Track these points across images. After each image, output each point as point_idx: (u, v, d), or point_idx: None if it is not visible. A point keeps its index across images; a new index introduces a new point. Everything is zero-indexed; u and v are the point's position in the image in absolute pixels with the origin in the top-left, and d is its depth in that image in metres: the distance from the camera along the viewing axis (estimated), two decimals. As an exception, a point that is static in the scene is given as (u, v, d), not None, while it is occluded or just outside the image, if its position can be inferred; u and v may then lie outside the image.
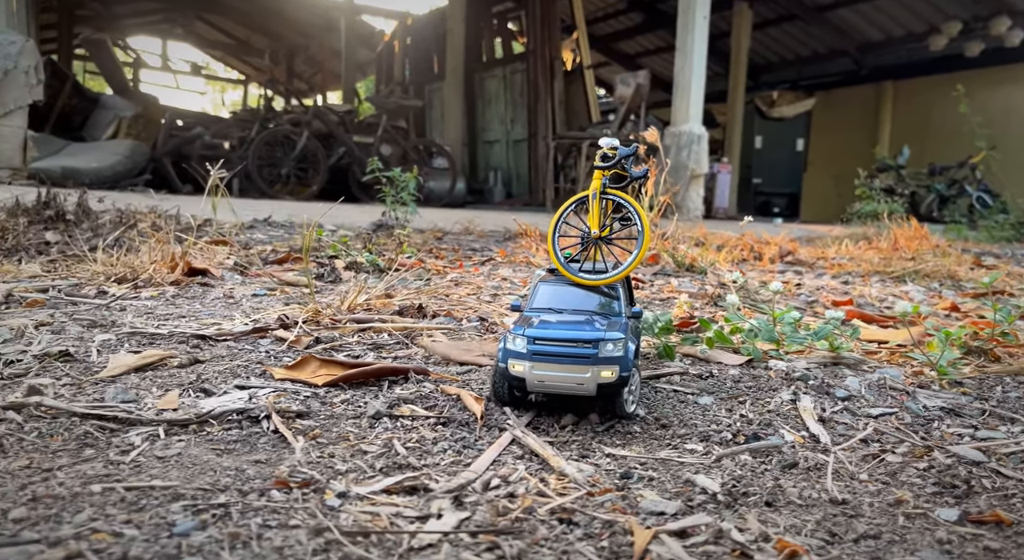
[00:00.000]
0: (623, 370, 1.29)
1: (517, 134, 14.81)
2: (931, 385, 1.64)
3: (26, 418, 1.28)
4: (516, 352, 1.33)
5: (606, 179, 1.52)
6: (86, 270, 3.00)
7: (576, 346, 1.29)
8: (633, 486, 1.11)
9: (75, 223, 4.85)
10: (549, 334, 1.31)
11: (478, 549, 0.90)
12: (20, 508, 0.95)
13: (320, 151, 11.89)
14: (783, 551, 0.87)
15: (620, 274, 1.47)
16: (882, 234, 5.54)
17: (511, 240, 5.92)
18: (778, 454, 1.24)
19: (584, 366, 1.28)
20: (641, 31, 19.46)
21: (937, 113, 16.61)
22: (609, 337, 1.30)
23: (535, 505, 1.02)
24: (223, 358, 1.74)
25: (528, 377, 1.32)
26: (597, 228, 1.51)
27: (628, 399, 1.36)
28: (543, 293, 1.50)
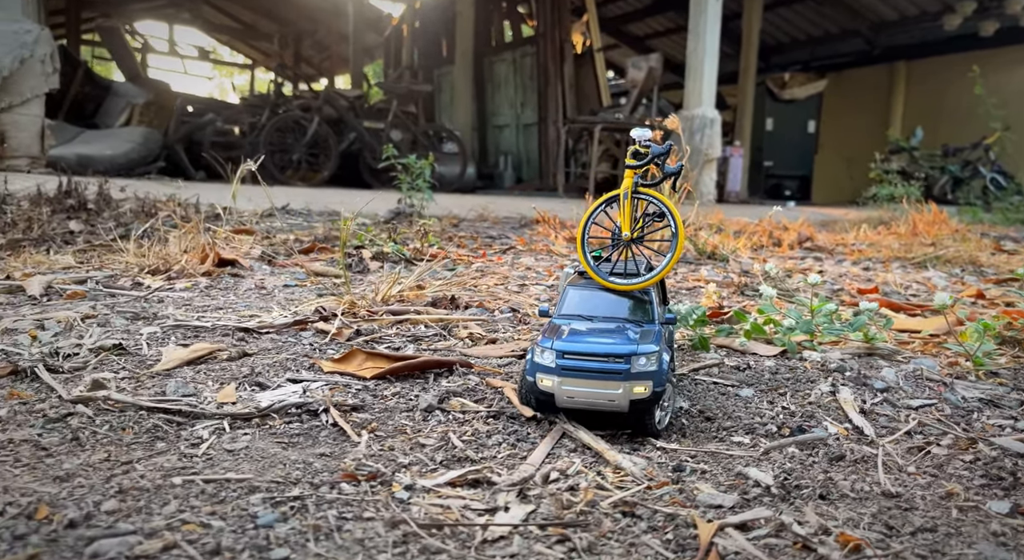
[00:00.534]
0: (657, 385, 1.24)
1: (527, 118, 14.76)
2: (967, 376, 1.67)
3: (95, 412, 1.32)
4: (544, 366, 1.27)
5: (638, 177, 1.46)
6: (119, 261, 3.04)
7: (607, 361, 1.24)
8: (686, 479, 1.14)
9: (96, 212, 4.90)
10: (579, 348, 1.26)
11: (549, 542, 0.94)
12: (111, 500, 0.99)
13: (331, 137, 11.89)
14: (846, 545, 0.91)
15: (654, 278, 1.41)
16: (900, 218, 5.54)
17: (527, 226, 5.94)
18: (824, 447, 1.27)
19: (616, 382, 1.23)
20: (650, 13, 19.29)
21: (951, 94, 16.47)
22: (643, 350, 1.25)
23: (596, 498, 1.06)
24: (269, 351, 1.78)
25: (557, 393, 1.27)
26: (628, 229, 1.45)
27: (660, 416, 1.30)
28: (572, 298, 1.44)
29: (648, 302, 1.42)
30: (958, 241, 4.34)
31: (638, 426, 1.30)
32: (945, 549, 0.92)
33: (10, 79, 6.66)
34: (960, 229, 4.69)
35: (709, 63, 9.69)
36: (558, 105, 13.72)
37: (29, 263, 3.09)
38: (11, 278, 2.68)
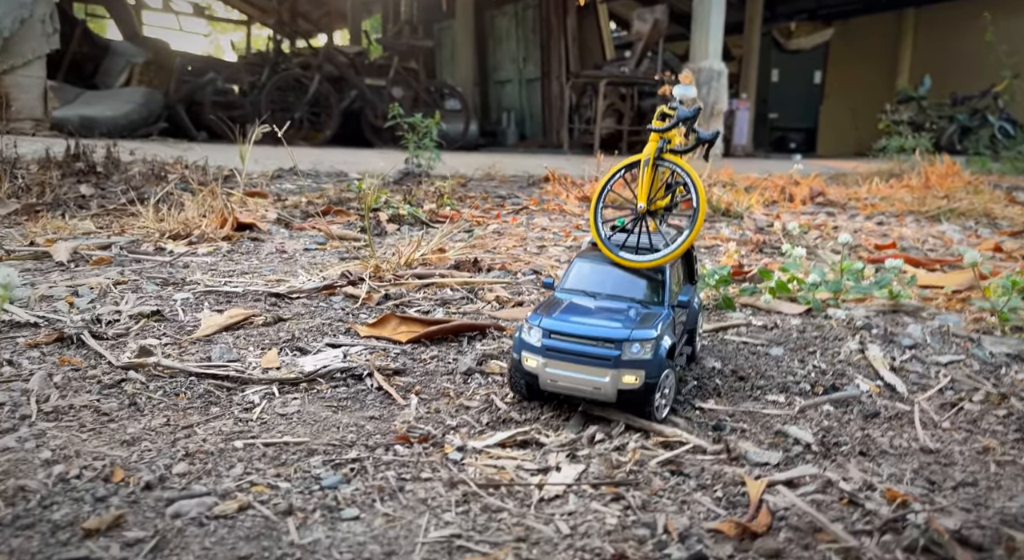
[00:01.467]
0: (650, 376, 1.14)
1: (530, 73, 14.57)
2: (993, 331, 1.70)
3: (147, 377, 1.35)
4: (530, 345, 1.18)
5: (664, 142, 1.33)
6: (138, 226, 3.05)
7: (596, 345, 1.14)
8: (727, 437, 1.18)
9: (106, 175, 4.89)
10: (567, 328, 1.16)
11: (604, 500, 0.97)
12: (180, 463, 1.03)
13: (332, 95, 11.77)
14: (893, 500, 0.94)
15: (667, 256, 1.28)
16: (911, 170, 5.52)
17: (535, 185, 5.92)
18: (858, 404, 1.30)
19: (604, 369, 1.13)
20: (655, -39, 18.87)
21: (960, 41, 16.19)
22: (637, 336, 1.13)
23: (644, 458, 1.09)
24: (303, 316, 1.81)
25: (541, 375, 1.18)
26: (645, 200, 1.33)
27: (660, 403, 1.19)
28: (579, 271, 1.33)
29: (660, 282, 1.29)
30: (971, 193, 4.33)
31: (638, 414, 1.20)
32: (988, 502, 0.96)
33: (11, 40, 6.58)
34: (973, 181, 4.68)
35: (716, 14, 9.52)
36: (561, 59, 13.53)
37: (49, 228, 3.11)
38: (35, 244, 2.70)
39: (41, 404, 1.23)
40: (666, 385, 1.20)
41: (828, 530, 0.89)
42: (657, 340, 1.15)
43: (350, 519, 0.91)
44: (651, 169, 1.33)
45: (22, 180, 4.30)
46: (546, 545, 0.87)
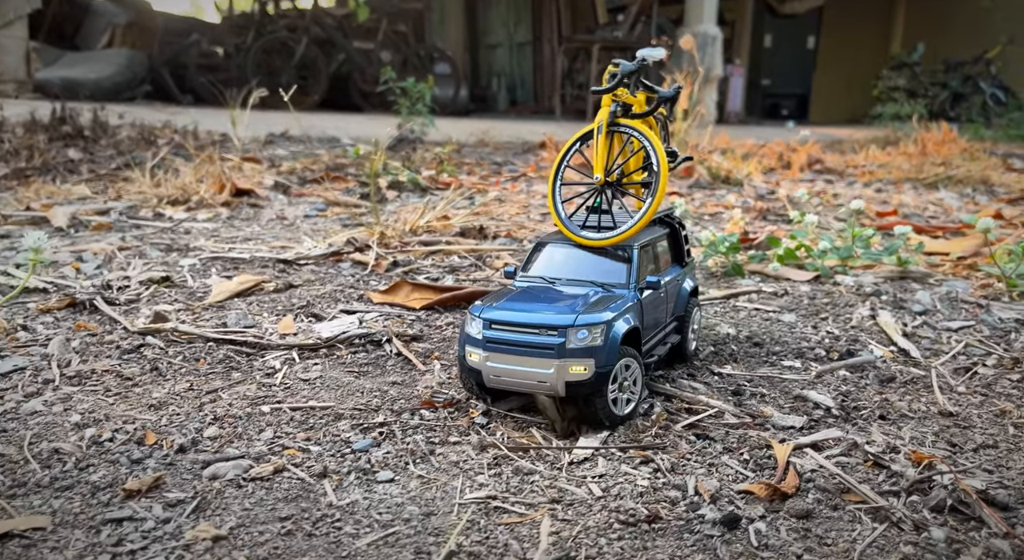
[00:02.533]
0: (601, 365, 1.02)
1: (521, 37, 14.39)
2: (1001, 297, 1.71)
3: (165, 343, 1.35)
4: (472, 338, 1.07)
5: (616, 106, 1.21)
6: (134, 192, 3.02)
7: (538, 333, 1.03)
8: (746, 402, 1.19)
9: (93, 140, 4.82)
10: (508, 317, 1.05)
11: (634, 463, 0.98)
12: (210, 427, 1.03)
13: (320, 58, 11.58)
14: (920, 462, 0.96)
15: (627, 232, 1.16)
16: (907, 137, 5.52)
17: (530, 152, 5.89)
18: (873, 369, 1.32)
19: (547, 360, 1.01)
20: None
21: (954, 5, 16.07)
22: (583, 321, 1.02)
23: (669, 422, 1.10)
24: (313, 283, 1.80)
25: (484, 370, 1.06)
26: (602, 171, 1.20)
27: (620, 398, 1.07)
28: (541, 256, 1.22)
29: (627, 260, 1.17)
30: (968, 160, 4.34)
31: (588, 412, 1.06)
32: (1009, 464, 0.98)
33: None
34: (969, 148, 4.69)
35: (711, -23, 9.41)
36: (553, 23, 13.36)
37: (43, 193, 3.07)
38: (31, 209, 2.66)
39: (63, 369, 1.22)
40: (628, 377, 1.07)
41: (856, 491, 0.90)
42: (608, 324, 1.03)
43: (385, 481, 0.92)
44: (605, 136, 1.21)
45: (8, 144, 4.24)
46: (580, 506, 0.88)
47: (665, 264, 1.30)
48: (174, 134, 5.13)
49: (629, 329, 1.08)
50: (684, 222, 1.40)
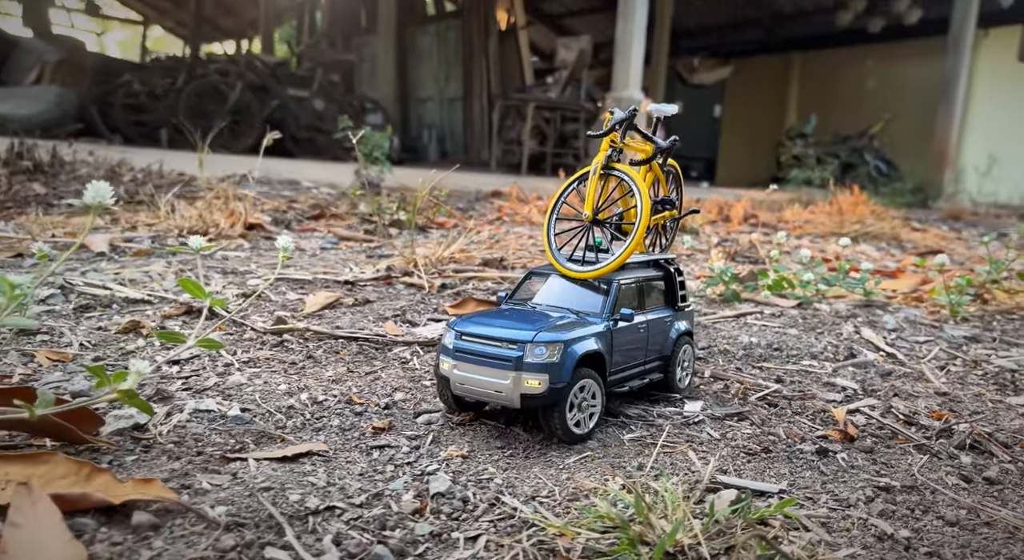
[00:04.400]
0: (555, 381, 1.09)
1: (451, 92, 14.90)
2: (948, 321, 2.14)
3: (300, 339, 1.57)
4: (445, 347, 1.17)
5: (613, 151, 1.32)
6: (145, 223, 3.15)
7: (499, 346, 1.11)
8: (787, 387, 1.52)
9: (53, 175, 4.86)
10: (476, 330, 1.14)
11: (732, 422, 1.29)
12: (396, 393, 1.28)
13: (254, 104, 11.71)
14: (940, 419, 1.31)
15: (606, 268, 1.25)
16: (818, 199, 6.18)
17: (483, 200, 6.23)
18: (873, 366, 1.68)
19: (505, 371, 1.09)
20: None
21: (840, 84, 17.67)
22: (542, 338, 1.09)
23: (745, 393, 1.42)
24: (384, 299, 2.04)
25: (451, 378, 1.15)
26: (591, 210, 1.29)
27: (577, 417, 1.14)
28: (528, 283, 1.33)
29: (605, 292, 1.25)
30: (878, 220, 4.96)
31: (547, 427, 1.14)
32: (997, 422, 1.34)
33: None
34: (876, 210, 5.34)
35: (637, 47, 10.16)
36: (483, 81, 13.94)
37: (50, 225, 3.16)
38: (55, 237, 2.77)
39: (233, 356, 1.43)
40: (586, 398, 1.15)
41: (902, 434, 1.24)
42: (567, 344, 1.10)
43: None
44: (599, 178, 1.31)
45: None
46: (709, 444, 1.18)
47: (654, 304, 1.38)
48: (139, 173, 5.21)
49: (589, 352, 1.14)
50: (682, 270, 1.46)
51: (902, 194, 10.24)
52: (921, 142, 12.70)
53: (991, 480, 1.11)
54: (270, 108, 12.19)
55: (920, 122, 13.11)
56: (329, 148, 11.78)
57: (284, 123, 12.29)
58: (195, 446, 1.04)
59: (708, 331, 1.92)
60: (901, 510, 1.00)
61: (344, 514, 0.88)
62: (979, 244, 4.61)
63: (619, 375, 1.27)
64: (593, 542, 0.85)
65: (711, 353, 1.73)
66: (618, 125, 1.33)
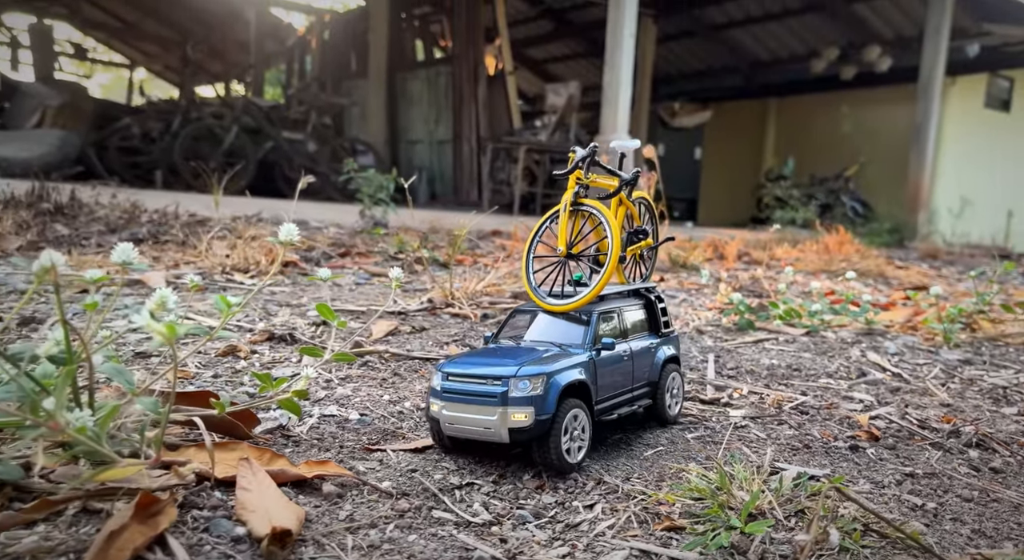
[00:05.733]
0: (540, 413, 1.11)
1: (441, 135, 15.27)
2: (942, 347, 2.38)
3: (382, 360, 1.77)
4: (434, 389, 1.19)
5: (579, 188, 1.35)
6: (186, 261, 3.34)
7: (484, 383, 1.13)
8: (814, 396, 1.74)
9: (72, 216, 5.05)
10: (461, 369, 1.16)
11: (773, 424, 1.51)
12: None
13: (249, 146, 11.96)
14: (949, 422, 1.53)
15: (582, 299, 1.28)
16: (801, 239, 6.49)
17: (484, 238, 6.46)
18: (883, 384, 1.91)
19: (491, 407, 1.11)
20: (551, 39, 20.28)
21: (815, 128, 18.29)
22: (525, 372, 1.11)
23: (779, 404, 1.64)
24: (437, 327, 2.25)
25: (441, 419, 1.17)
26: (564, 245, 1.33)
27: (569, 447, 1.16)
28: (513, 321, 1.36)
29: (585, 323, 1.28)
30: (863, 258, 5.25)
31: (542, 458, 1.15)
32: (997, 428, 1.57)
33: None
34: (861, 249, 5.64)
35: (623, 93, 10.57)
36: (472, 124, 14.32)
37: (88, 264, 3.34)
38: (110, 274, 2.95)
39: (329, 373, 1.63)
40: (577, 427, 1.17)
41: (918, 435, 1.46)
42: (548, 376, 1.13)
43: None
44: (568, 215, 1.34)
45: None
46: (758, 442, 1.39)
47: (637, 332, 1.41)
48: (151, 213, 5.40)
49: (573, 382, 1.17)
50: (663, 297, 1.52)
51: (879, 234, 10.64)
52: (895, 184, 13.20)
53: (996, 469, 1.33)
54: (264, 150, 12.45)
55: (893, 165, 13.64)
56: (323, 189, 12.01)
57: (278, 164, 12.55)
58: (335, 442, 1.24)
59: (732, 355, 2.14)
60: (926, 490, 1.21)
61: (483, 488, 1.08)
62: (958, 280, 4.91)
63: (606, 403, 1.28)
64: (687, 507, 1.05)
65: (740, 372, 1.95)
66: (581, 162, 1.36)
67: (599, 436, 1.36)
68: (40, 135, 9.83)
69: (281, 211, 7.04)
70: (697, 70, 20.07)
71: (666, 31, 18.28)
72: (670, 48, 19.40)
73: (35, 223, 4.54)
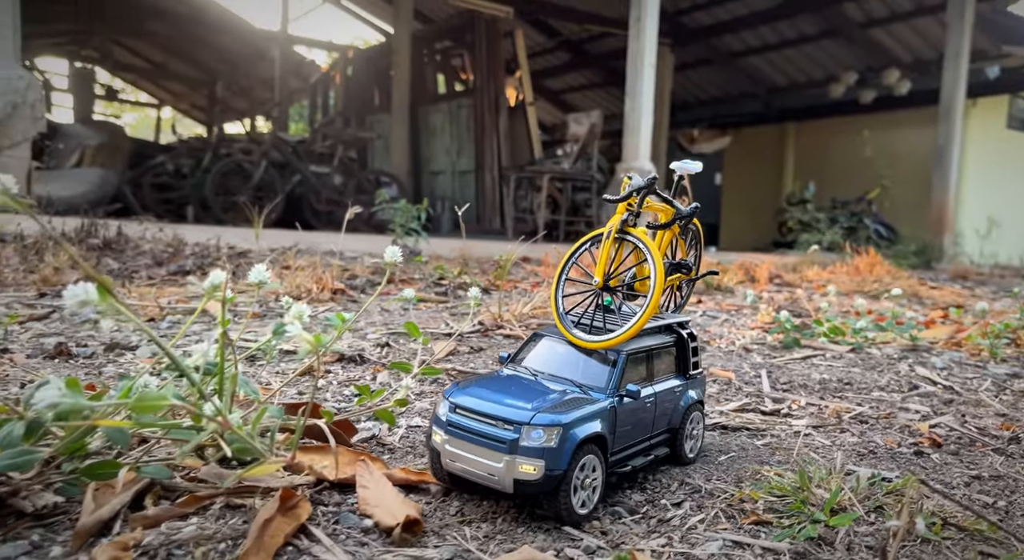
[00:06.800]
0: (551, 467, 1.00)
1: (463, 166, 15.50)
2: (989, 361, 2.42)
3: (449, 377, 1.85)
4: (437, 418, 1.10)
5: (628, 215, 1.26)
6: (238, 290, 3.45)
7: (494, 425, 1.03)
8: (870, 407, 1.80)
9: (120, 250, 5.22)
10: (471, 404, 1.06)
11: (837, 432, 1.56)
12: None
13: (277, 180, 12.22)
14: (1007, 429, 1.59)
15: (617, 338, 1.17)
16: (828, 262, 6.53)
17: (515, 265, 6.55)
18: (935, 396, 1.96)
19: (498, 453, 1.01)
20: (568, 70, 20.59)
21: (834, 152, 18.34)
22: (539, 421, 1.01)
23: (838, 414, 1.70)
24: (492, 347, 2.33)
25: (442, 452, 1.07)
26: (601, 275, 1.23)
27: (581, 499, 1.05)
28: (534, 347, 1.25)
29: (612, 364, 1.16)
30: (895, 279, 5.28)
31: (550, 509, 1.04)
32: (1052, 432, 1.62)
33: (2, 123, 6.79)
34: (891, 270, 5.67)
35: (645, 121, 10.72)
36: (494, 154, 14.53)
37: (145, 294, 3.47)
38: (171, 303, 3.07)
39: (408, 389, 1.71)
40: (592, 478, 1.06)
41: (980, 441, 1.52)
42: (567, 427, 1.02)
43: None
44: (612, 242, 1.24)
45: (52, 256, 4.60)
46: (823, 448, 1.45)
47: (663, 373, 1.28)
48: (196, 247, 5.56)
49: (591, 435, 1.05)
50: (695, 335, 1.36)
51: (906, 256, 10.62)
52: (918, 206, 13.18)
53: (1058, 472, 1.38)
54: (292, 184, 12.71)
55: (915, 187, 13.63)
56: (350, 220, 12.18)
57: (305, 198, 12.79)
58: (425, 449, 1.32)
59: (783, 370, 2.20)
60: (994, 490, 1.27)
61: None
62: (993, 299, 4.93)
63: (621, 454, 1.17)
64: (770, 504, 1.12)
65: (793, 386, 2.01)
66: (636, 193, 1.26)
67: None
68: (81, 174, 10.13)
69: (316, 243, 7.21)
70: (715, 97, 20.25)
71: (683, 59, 18.50)
72: (687, 76, 19.61)
73: (87, 257, 4.71)
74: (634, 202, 1.27)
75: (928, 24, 13.69)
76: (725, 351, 2.46)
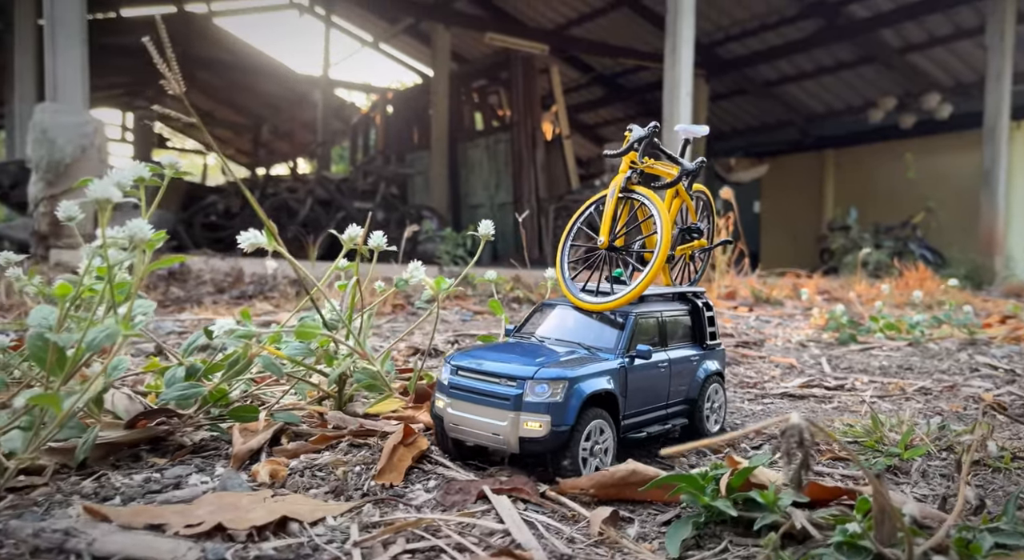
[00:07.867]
0: (558, 423, 0.96)
1: (501, 199, 15.74)
2: (1049, 352, 2.45)
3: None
4: (439, 383, 1.06)
5: (632, 172, 1.20)
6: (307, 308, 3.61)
7: (497, 382, 1.00)
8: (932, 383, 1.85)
9: (183, 280, 5.46)
10: (473, 364, 1.03)
11: (900, 402, 1.62)
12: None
13: (323, 216, 12.57)
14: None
15: (621, 299, 1.13)
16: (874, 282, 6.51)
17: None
18: (997, 378, 2.00)
19: (502, 411, 0.98)
20: (602, 104, 20.86)
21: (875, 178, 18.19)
22: (544, 375, 0.97)
23: (902, 388, 1.75)
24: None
25: (445, 417, 1.03)
26: (606, 236, 1.17)
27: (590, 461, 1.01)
28: (541, 315, 1.22)
29: (620, 326, 1.13)
30: (946, 293, 5.26)
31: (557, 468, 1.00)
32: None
33: (72, 166, 7.17)
34: (942, 283, 5.63)
35: (684, 149, 10.83)
36: (532, 187, 14.76)
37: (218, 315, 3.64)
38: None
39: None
40: (600, 440, 1.02)
41: (1044, 406, 1.57)
42: (572, 381, 0.98)
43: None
44: (616, 201, 1.19)
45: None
46: (889, 412, 1.51)
47: (679, 341, 1.25)
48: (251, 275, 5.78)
49: (599, 391, 1.02)
50: (711, 304, 1.33)
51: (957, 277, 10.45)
52: (964, 230, 13.01)
53: (1125, 430, 1.42)
54: (336, 220, 13.05)
55: (961, 211, 13.47)
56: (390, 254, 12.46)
57: (348, 232, 13.06)
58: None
59: (842, 359, 2.25)
60: (1063, 443, 1.32)
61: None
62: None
63: (635, 419, 1.13)
64: (847, 443, 1.19)
65: (853, 371, 2.06)
66: (637, 143, 1.20)
67: (736, 406, 1.51)
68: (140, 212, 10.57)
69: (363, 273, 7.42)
70: (751, 126, 20.32)
71: (717, 90, 18.65)
72: (722, 106, 19.74)
73: (156, 285, 4.95)
74: (635, 157, 1.21)
75: (967, 47, 13.67)
76: (782, 347, 2.52)
